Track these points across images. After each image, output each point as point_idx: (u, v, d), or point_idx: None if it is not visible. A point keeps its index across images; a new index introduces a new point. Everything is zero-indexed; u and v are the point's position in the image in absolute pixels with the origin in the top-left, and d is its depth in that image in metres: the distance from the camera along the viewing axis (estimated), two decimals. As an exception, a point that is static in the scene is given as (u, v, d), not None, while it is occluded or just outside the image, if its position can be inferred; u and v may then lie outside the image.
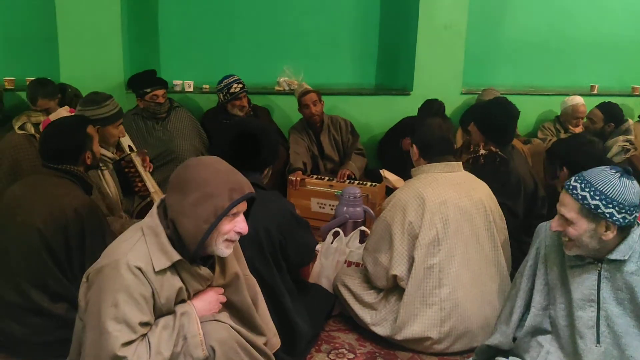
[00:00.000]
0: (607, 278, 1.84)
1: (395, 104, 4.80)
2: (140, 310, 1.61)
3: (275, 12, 4.81)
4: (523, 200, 2.99)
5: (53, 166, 2.34)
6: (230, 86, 4.12)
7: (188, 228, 1.65)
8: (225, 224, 1.69)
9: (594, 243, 1.80)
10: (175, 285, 1.69)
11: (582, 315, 1.86)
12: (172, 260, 1.66)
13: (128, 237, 1.70)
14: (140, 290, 1.61)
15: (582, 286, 1.87)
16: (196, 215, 1.64)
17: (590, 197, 1.75)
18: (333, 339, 2.59)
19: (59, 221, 2.18)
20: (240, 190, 1.69)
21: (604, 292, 1.82)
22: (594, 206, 1.75)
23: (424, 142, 2.54)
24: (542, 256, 2.02)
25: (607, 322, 1.82)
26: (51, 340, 2.18)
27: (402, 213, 2.41)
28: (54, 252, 2.18)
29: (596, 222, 1.77)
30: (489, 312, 2.42)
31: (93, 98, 3.04)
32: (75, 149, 2.39)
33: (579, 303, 1.86)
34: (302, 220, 2.45)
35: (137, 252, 1.64)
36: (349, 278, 2.66)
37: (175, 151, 3.88)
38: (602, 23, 5.30)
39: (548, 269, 1.99)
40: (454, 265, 2.41)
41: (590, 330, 1.84)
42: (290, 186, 3.97)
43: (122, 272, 1.59)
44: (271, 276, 2.22)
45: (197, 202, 1.65)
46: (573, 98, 4.80)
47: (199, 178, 1.67)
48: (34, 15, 4.39)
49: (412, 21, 4.73)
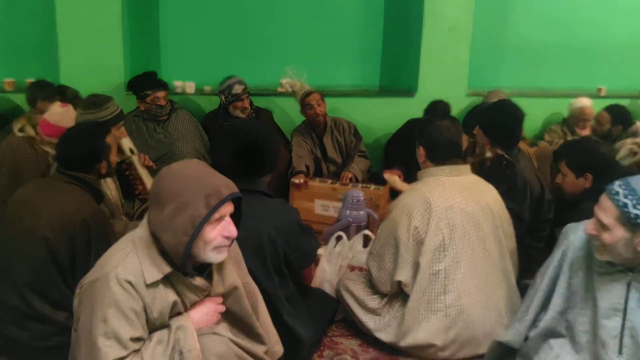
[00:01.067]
0: (636, 288, 1.79)
1: (399, 105, 4.77)
2: (131, 325, 1.57)
3: (278, 14, 4.81)
4: (529, 204, 2.95)
5: (66, 172, 2.32)
6: (232, 87, 4.08)
7: (169, 242, 1.60)
8: (209, 231, 1.63)
9: (628, 253, 1.73)
10: (168, 298, 1.65)
11: (607, 324, 1.81)
12: (163, 272, 1.62)
13: (120, 249, 1.66)
14: (130, 305, 1.57)
15: (609, 294, 1.81)
16: (174, 229, 1.59)
17: (632, 206, 1.69)
18: (336, 344, 2.56)
19: (66, 230, 2.16)
20: (217, 194, 1.61)
21: (632, 302, 1.77)
22: (634, 215, 1.68)
23: (432, 144, 2.50)
24: (568, 258, 1.95)
25: (631, 332, 1.78)
26: (52, 345, 2.16)
27: (407, 218, 2.38)
28: (58, 261, 2.16)
29: (633, 231, 1.70)
30: (495, 318, 2.39)
31: (94, 100, 3.02)
32: (91, 157, 2.37)
33: (605, 312, 1.81)
34: (306, 226, 2.43)
35: (127, 265, 1.59)
36: (352, 283, 2.64)
37: (176, 153, 3.86)
38: (609, 25, 5.27)
39: (573, 272, 1.94)
40: (460, 271, 2.37)
41: (613, 340, 1.80)
42: (293, 189, 3.94)
43: (112, 286, 1.56)
44: (272, 287, 2.19)
45: (173, 214, 1.59)
46: (580, 100, 4.76)
47: (172, 188, 1.61)
48: (34, 17, 4.39)
49: (417, 22, 4.70)
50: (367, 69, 5.08)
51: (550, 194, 3.11)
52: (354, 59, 5.04)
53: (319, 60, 4.88)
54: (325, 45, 4.92)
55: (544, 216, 3.06)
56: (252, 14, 4.75)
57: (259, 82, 4.64)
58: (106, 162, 2.43)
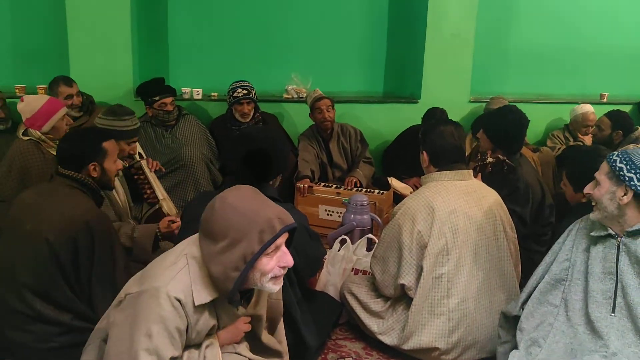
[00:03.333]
0: (625, 252, 1.92)
1: (403, 111, 4.81)
2: (173, 344, 1.56)
3: (284, 21, 4.85)
4: (531, 208, 2.98)
5: (63, 172, 2.34)
6: (235, 90, 4.14)
7: (217, 275, 1.59)
8: (266, 262, 1.62)
9: (612, 207, 1.89)
10: (209, 322, 1.66)
11: (601, 287, 1.93)
12: (212, 296, 1.61)
13: (171, 264, 1.63)
14: (176, 324, 1.56)
15: (603, 260, 1.95)
16: (224, 263, 1.57)
17: (619, 162, 1.88)
18: (340, 347, 2.58)
19: (68, 233, 2.15)
20: (271, 229, 1.59)
21: (622, 264, 1.90)
22: (618, 168, 1.87)
23: (435, 149, 2.51)
24: (573, 232, 2.08)
25: (623, 292, 1.89)
26: (56, 346, 2.16)
27: (411, 222, 2.40)
28: (61, 263, 2.15)
29: (617, 185, 1.88)
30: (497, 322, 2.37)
31: (115, 110, 3.04)
32: (81, 156, 2.35)
33: (599, 276, 1.94)
34: (314, 232, 2.46)
35: (178, 283, 1.58)
36: (356, 286, 2.65)
37: (183, 158, 3.90)
38: (611, 31, 5.29)
39: (574, 247, 2.05)
40: (463, 275, 2.39)
41: (607, 300, 1.91)
42: (297, 193, 3.97)
43: (162, 301, 1.54)
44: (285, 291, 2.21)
45: (225, 249, 1.57)
46: (583, 106, 4.78)
47: (225, 224, 1.58)
48: (45, 24, 4.44)
49: (420, 29, 4.74)
50: (372, 75, 5.11)
51: (551, 198, 3.13)
52: (359, 65, 5.07)
53: (324, 67, 4.92)
54: (331, 52, 4.95)
55: (546, 220, 3.07)
56: (259, 21, 4.79)
57: (265, 88, 4.68)
58: (98, 166, 2.37)
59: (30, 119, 3.14)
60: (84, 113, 3.96)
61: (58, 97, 3.79)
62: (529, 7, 5.16)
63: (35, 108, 3.11)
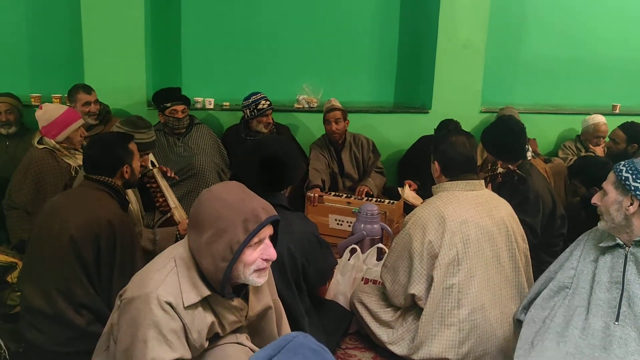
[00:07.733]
0: (632, 261, 1.92)
1: (413, 122, 4.81)
2: (171, 346, 1.57)
3: (295, 31, 4.88)
4: (542, 218, 2.97)
5: (92, 177, 2.41)
6: (259, 102, 4.17)
7: (207, 267, 1.62)
8: (249, 254, 1.64)
9: (619, 217, 1.90)
10: (206, 320, 1.66)
11: (607, 296, 1.93)
12: (201, 295, 1.63)
13: (160, 267, 1.66)
14: (170, 326, 1.57)
15: (610, 269, 1.95)
16: (212, 254, 1.60)
17: (625, 171, 1.90)
18: (349, 357, 2.57)
19: (92, 230, 2.22)
20: (255, 219, 1.62)
21: (629, 274, 1.91)
22: (624, 178, 1.88)
23: (446, 160, 2.51)
24: (582, 242, 2.08)
25: (629, 302, 1.89)
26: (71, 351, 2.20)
27: (422, 232, 2.40)
28: (84, 260, 2.21)
29: (624, 195, 1.89)
30: (508, 333, 2.38)
31: (134, 121, 3.07)
32: (114, 161, 2.44)
33: (606, 285, 1.94)
34: (324, 241, 2.47)
35: (167, 286, 1.60)
36: (366, 295, 2.65)
37: (195, 167, 3.94)
38: (624, 42, 5.27)
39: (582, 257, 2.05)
40: (474, 286, 2.38)
41: (612, 310, 1.91)
42: (308, 202, 3.98)
43: (153, 307, 1.56)
44: (292, 298, 2.23)
45: (211, 240, 1.60)
46: (594, 117, 4.75)
47: (211, 214, 1.62)
48: (61, 34, 4.52)
49: (432, 39, 4.75)
50: (383, 85, 5.12)
51: (562, 209, 3.12)
52: (370, 75, 5.08)
53: (335, 77, 4.95)
54: (342, 62, 4.98)
55: (557, 231, 3.06)
56: (270, 32, 4.84)
57: (276, 98, 4.72)
58: (129, 167, 2.49)
59: (46, 127, 3.19)
60: (100, 122, 4.02)
61: (76, 103, 3.88)
62: (540, 18, 5.15)
63: (52, 117, 3.17)
